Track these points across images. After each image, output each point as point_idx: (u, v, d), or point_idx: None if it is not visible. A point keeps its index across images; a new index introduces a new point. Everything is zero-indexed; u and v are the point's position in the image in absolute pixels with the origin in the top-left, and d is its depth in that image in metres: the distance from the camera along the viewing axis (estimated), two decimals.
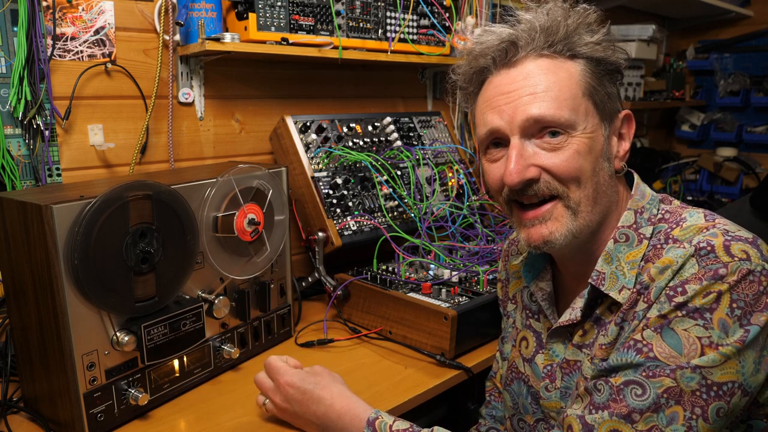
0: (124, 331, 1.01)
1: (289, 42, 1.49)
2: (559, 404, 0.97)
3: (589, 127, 0.88)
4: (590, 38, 0.89)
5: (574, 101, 0.87)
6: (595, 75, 0.89)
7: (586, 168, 0.87)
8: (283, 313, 1.37)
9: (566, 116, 0.86)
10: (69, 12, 1.32)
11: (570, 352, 0.95)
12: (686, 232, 0.84)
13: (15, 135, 1.27)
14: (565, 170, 0.87)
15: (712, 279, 0.77)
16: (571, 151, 0.87)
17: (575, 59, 0.89)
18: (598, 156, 0.89)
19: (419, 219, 1.63)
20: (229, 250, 1.21)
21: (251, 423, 1.05)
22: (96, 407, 0.99)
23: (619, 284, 0.88)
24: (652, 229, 0.90)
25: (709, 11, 3.32)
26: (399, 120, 1.84)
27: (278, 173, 1.33)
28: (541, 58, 0.89)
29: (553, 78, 0.88)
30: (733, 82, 3.40)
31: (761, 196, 1.87)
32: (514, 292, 1.14)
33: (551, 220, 0.89)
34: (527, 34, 0.89)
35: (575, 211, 0.88)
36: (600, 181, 0.89)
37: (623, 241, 0.91)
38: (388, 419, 0.92)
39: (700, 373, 0.75)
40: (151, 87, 1.46)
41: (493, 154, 0.94)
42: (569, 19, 0.89)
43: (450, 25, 1.91)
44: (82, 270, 0.93)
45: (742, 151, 3.42)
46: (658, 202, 0.94)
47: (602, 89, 0.90)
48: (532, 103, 0.87)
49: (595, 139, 0.89)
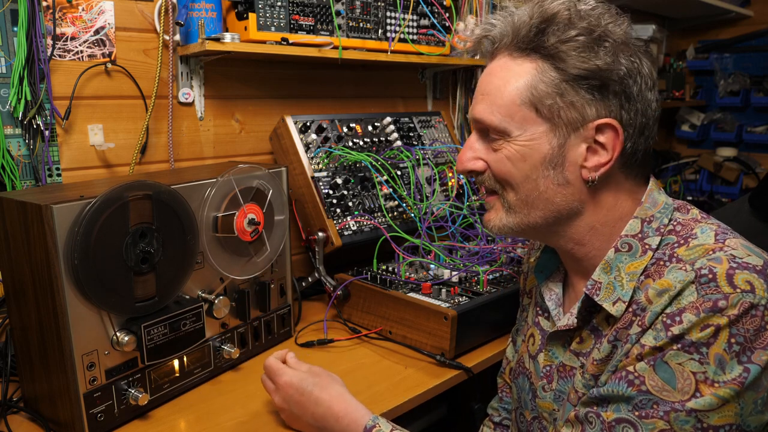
0: (124, 331, 1.01)
1: (289, 42, 1.49)
2: (552, 406, 0.97)
3: (526, 135, 0.86)
4: (556, 38, 0.83)
5: (508, 108, 0.86)
6: (553, 80, 0.84)
7: (516, 175, 0.88)
8: (283, 313, 1.37)
9: (496, 123, 0.87)
10: (69, 12, 1.32)
11: (567, 357, 0.95)
12: (692, 252, 0.80)
13: (15, 135, 1.27)
14: (497, 172, 0.90)
15: (711, 311, 0.73)
16: (503, 156, 0.88)
17: (536, 60, 0.85)
18: (537, 164, 0.87)
19: (419, 219, 1.63)
20: (229, 250, 1.21)
21: (251, 423, 1.05)
22: (96, 407, 0.99)
23: (615, 296, 0.85)
24: (659, 240, 0.85)
25: (709, 11, 3.32)
26: (399, 120, 1.84)
27: (278, 173, 1.33)
28: (504, 56, 0.89)
29: (499, 82, 0.88)
30: (733, 82, 3.40)
31: (760, 196, 1.88)
32: (530, 287, 1.14)
33: (492, 210, 0.95)
34: (506, 26, 0.89)
35: (508, 210, 0.92)
36: (539, 188, 0.88)
37: (625, 250, 0.88)
38: (386, 427, 0.92)
39: (695, 417, 0.72)
40: (151, 87, 1.46)
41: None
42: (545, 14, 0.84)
43: (450, 25, 1.91)
44: (82, 270, 0.93)
45: (742, 151, 3.43)
46: (671, 211, 0.88)
47: (558, 97, 0.84)
48: (477, 104, 0.90)
49: (533, 147, 0.86)
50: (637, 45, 0.87)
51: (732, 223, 0.90)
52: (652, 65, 0.88)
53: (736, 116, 3.46)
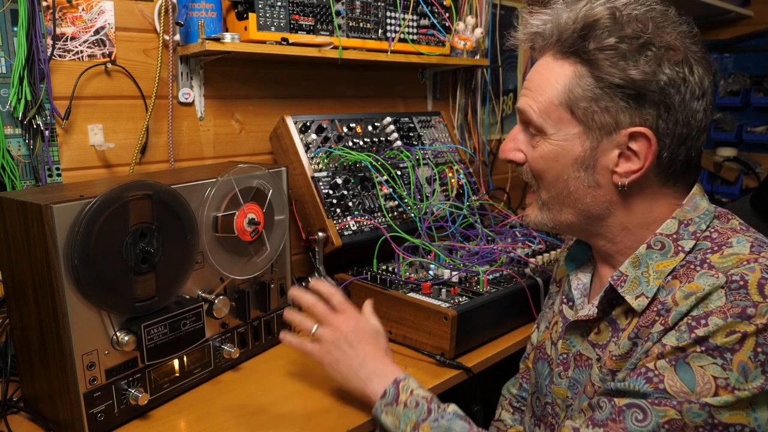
0: (124, 331, 1.01)
1: (289, 42, 1.49)
2: (566, 392, 0.99)
3: (560, 136, 0.88)
4: (595, 45, 0.83)
5: (546, 107, 0.89)
6: (589, 86, 0.84)
7: (549, 173, 0.91)
8: (283, 313, 1.37)
9: (534, 118, 0.90)
10: (69, 12, 1.32)
11: (584, 347, 0.96)
12: (725, 260, 0.79)
13: (15, 135, 1.27)
14: (533, 167, 0.93)
15: (738, 317, 0.72)
16: (538, 153, 0.91)
17: (577, 64, 0.85)
18: (568, 165, 0.88)
19: (419, 219, 1.63)
20: (229, 250, 1.21)
21: (251, 423, 1.05)
22: (96, 407, 0.99)
23: (639, 290, 0.86)
24: (693, 244, 0.85)
25: (709, 11, 3.31)
26: (399, 120, 1.84)
27: (278, 173, 1.33)
28: (549, 55, 0.91)
29: (542, 80, 0.90)
30: (733, 82, 3.40)
31: (761, 197, 1.88)
32: (560, 276, 1.15)
33: (530, 206, 0.99)
34: (550, 28, 0.90)
35: (542, 206, 0.95)
36: (570, 188, 0.89)
37: (657, 248, 0.87)
38: (412, 383, 0.96)
39: (708, 411, 0.71)
40: (151, 87, 1.46)
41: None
42: (588, 20, 0.84)
43: (450, 25, 1.91)
44: (82, 270, 0.93)
45: (742, 151, 3.42)
46: (711, 218, 0.87)
47: (593, 101, 0.84)
48: (523, 97, 0.93)
49: (565, 148, 0.88)
50: (693, 50, 0.84)
51: None
52: (707, 72, 0.85)
53: (736, 116, 3.46)
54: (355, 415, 1.05)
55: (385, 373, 1.00)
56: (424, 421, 0.91)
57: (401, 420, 0.93)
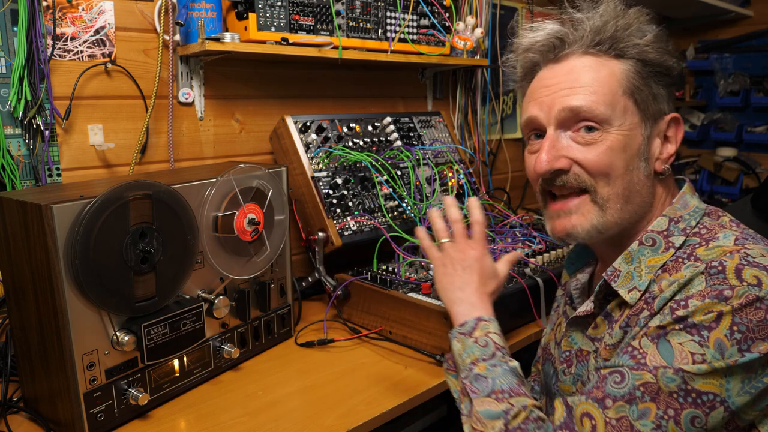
0: (124, 331, 1.01)
1: (289, 42, 1.49)
2: (571, 389, 1.00)
3: (627, 125, 0.89)
4: (639, 39, 0.89)
5: (612, 97, 0.88)
6: (640, 75, 0.90)
7: (618, 165, 0.88)
8: (283, 313, 1.37)
9: (602, 110, 0.88)
10: (69, 12, 1.32)
11: (584, 342, 0.98)
12: (710, 252, 0.83)
13: (15, 135, 1.27)
14: (595, 165, 0.88)
15: (716, 298, 0.76)
16: (605, 146, 0.88)
17: (621, 59, 0.90)
18: (634, 155, 0.89)
19: (419, 219, 1.63)
20: (229, 250, 1.21)
21: (251, 423, 1.05)
22: (96, 407, 0.99)
23: (632, 284, 0.89)
24: (683, 240, 0.88)
25: (709, 11, 3.31)
26: (399, 120, 1.84)
27: (278, 173, 1.33)
28: (586, 55, 0.91)
29: (594, 74, 0.89)
30: (733, 82, 3.40)
31: (762, 197, 1.87)
32: (565, 280, 1.17)
33: (576, 214, 0.92)
34: (576, 31, 0.91)
35: (603, 206, 0.90)
36: (633, 180, 0.89)
37: (649, 244, 0.90)
38: (493, 327, 0.94)
39: (681, 377, 0.75)
40: (151, 87, 1.46)
41: (532, 145, 0.97)
42: (620, 20, 0.90)
43: (450, 25, 1.91)
44: (82, 270, 0.93)
45: (742, 151, 3.42)
46: (701, 216, 0.91)
47: (647, 89, 0.90)
48: (570, 96, 0.89)
49: (632, 137, 0.89)
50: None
51: None
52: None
53: (736, 116, 3.46)
54: (355, 415, 1.06)
55: (476, 306, 0.98)
56: (484, 361, 0.90)
57: (465, 351, 0.92)
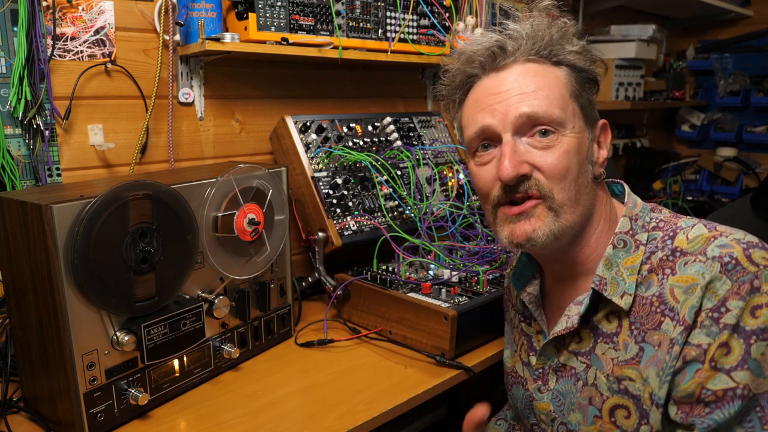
0: (124, 331, 1.01)
1: (289, 42, 1.49)
2: (549, 407, 0.98)
3: (577, 128, 0.91)
4: (572, 47, 0.93)
5: (562, 100, 0.90)
6: (577, 81, 0.93)
7: (573, 168, 0.90)
8: (283, 313, 1.37)
9: (557, 114, 0.89)
10: (69, 12, 1.32)
11: (565, 357, 0.97)
12: (693, 243, 0.85)
13: (15, 135, 1.27)
14: (554, 168, 0.88)
15: (750, 293, 0.78)
16: (562, 149, 0.89)
17: (559, 66, 0.93)
18: (584, 158, 0.92)
19: (419, 219, 1.63)
20: (229, 250, 1.21)
21: (251, 423, 1.05)
22: (96, 407, 0.99)
23: (620, 290, 0.89)
24: (647, 236, 0.92)
25: (709, 11, 3.31)
26: (399, 120, 1.84)
27: (278, 173, 1.33)
28: (528, 62, 0.93)
29: (542, 80, 0.91)
30: (733, 82, 3.40)
31: (762, 197, 1.87)
32: (514, 299, 1.16)
33: (534, 218, 0.90)
34: (514, 40, 0.93)
35: (557, 212, 0.89)
36: (583, 182, 0.91)
37: (621, 246, 0.92)
38: None
39: None
40: (151, 87, 1.46)
41: (482, 157, 0.95)
42: (552, 29, 0.93)
43: (450, 25, 1.91)
44: (82, 270, 0.93)
45: (742, 151, 3.42)
46: (649, 211, 0.96)
47: (585, 95, 0.94)
48: (524, 102, 0.89)
49: (582, 140, 0.92)
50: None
51: (733, 224, 0.92)
52: None
53: (736, 116, 3.46)
54: (355, 415, 1.06)
55: None
56: None
57: None
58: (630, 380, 0.87)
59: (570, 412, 0.95)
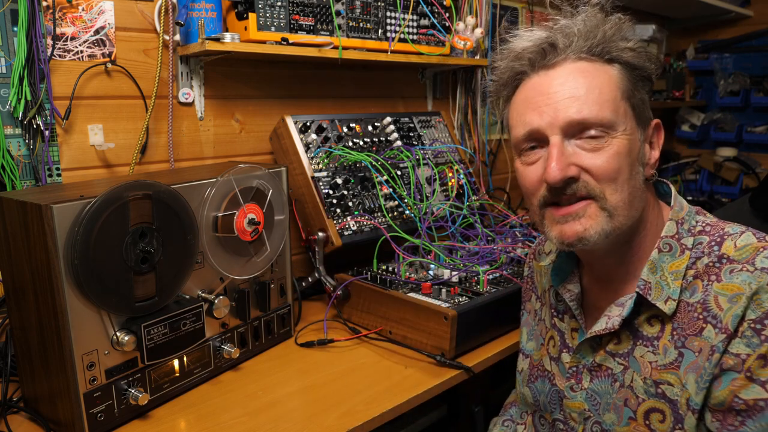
0: (124, 331, 1.01)
1: (289, 42, 1.49)
2: (583, 405, 0.97)
3: (629, 129, 0.89)
4: (626, 44, 0.90)
5: (614, 102, 0.88)
6: (631, 80, 0.90)
7: (624, 170, 0.87)
8: (283, 313, 1.37)
9: (608, 117, 0.86)
10: (69, 12, 1.32)
11: (602, 358, 0.95)
12: (742, 252, 0.83)
13: (15, 135, 1.27)
14: (604, 171, 0.86)
15: None
16: (612, 151, 0.87)
17: (612, 63, 0.90)
18: (635, 159, 0.89)
19: (419, 219, 1.63)
20: (229, 250, 1.21)
21: (251, 423, 1.05)
22: (96, 407, 0.99)
23: (664, 295, 0.88)
24: (692, 240, 0.90)
25: (709, 11, 3.32)
26: (399, 120, 1.84)
27: (278, 173, 1.33)
28: (580, 60, 0.90)
29: (594, 80, 0.88)
30: (733, 82, 3.40)
31: (761, 197, 1.87)
32: (541, 291, 1.14)
33: (585, 218, 0.88)
34: (566, 37, 0.90)
35: (611, 213, 0.87)
36: (635, 184, 0.89)
37: (667, 251, 0.90)
38: None
39: None
40: (151, 87, 1.46)
41: (529, 156, 0.93)
42: (606, 25, 0.90)
43: (450, 25, 1.91)
44: (82, 270, 0.93)
45: (742, 151, 3.42)
46: (694, 214, 0.94)
47: (638, 94, 0.90)
48: (574, 106, 0.87)
49: (633, 141, 0.89)
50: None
51: None
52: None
53: (736, 116, 3.46)
54: (355, 415, 1.06)
55: None
56: None
57: None
58: (668, 384, 0.86)
59: (605, 412, 0.94)
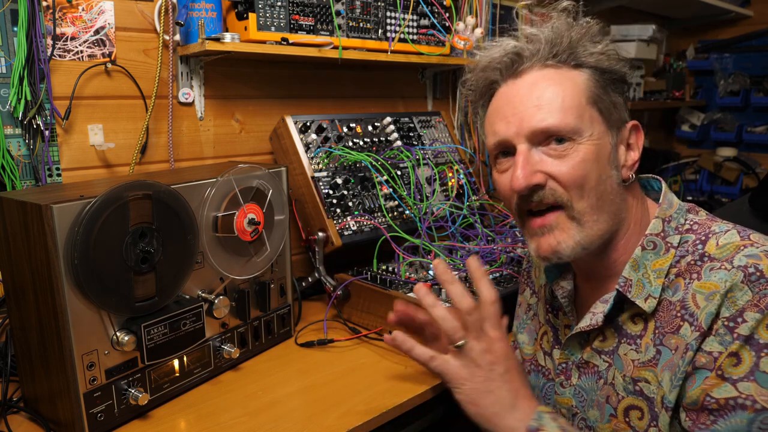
0: (124, 331, 1.01)
1: (289, 42, 1.49)
2: (571, 401, 0.99)
3: (595, 134, 0.89)
4: (594, 48, 0.91)
5: (578, 109, 0.88)
6: (600, 84, 0.90)
7: (592, 175, 0.87)
8: (283, 313, 1.38)
9: (572, 123, 0.87)
10: (69, 12, 1.32)
11: (588, 355, 0.96)
12: (723, 250, 0.83)
13: (15, 135, 1.27)
14: (570, 177, 0.87)
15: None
16: (578, 158, 0.87)
17: (579, 69, 0.91)
18: (605, 163, 0.89)
19: (419, 219, 1.63)
20: (229, 250, 1.21)
21: (251, 423, 1.05)
22: (96, 407, 0.99)
23: (645, 293, 0.88)
24: (679, 238, 0.90)
25: (709, 11, 3.32)
26: (399, 120, 1.84)
27: (278, 173, 1.33)
28: (546, 68, 0.91)
29: (558, 87, 0.89)
30: (733, 82, 3.40)
31: (760, 197, 1.87)
32: (538, 286, 1.15)
33: (558, 230, 0.89)
34: (532, 45, 0.91)
35: (579, 221, 0.88)
36: (606, 189, 0.89)
37: (650, 248, 0.90)
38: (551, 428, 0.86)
39: None
40: (151, 87, 1.46)
41: (502, 164, 0.95)
42: (572, 31, 0.91)
43: (450, 25, 1.91)
44: (82, 270, 0.93)
45: (742, 151, 3.43)
46: (685, 212, 0.93)
47: (607, 98, 0.91)
48: (538, 115, 0.88)
49: (601, 146, 0.89)
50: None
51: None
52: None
53: (736, 116, 3.46)
54: (355, 415, 1.06)
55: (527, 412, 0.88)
56: None
57: None
58: (646, 382, 0.87)
59: (590, 408, 0.96)
